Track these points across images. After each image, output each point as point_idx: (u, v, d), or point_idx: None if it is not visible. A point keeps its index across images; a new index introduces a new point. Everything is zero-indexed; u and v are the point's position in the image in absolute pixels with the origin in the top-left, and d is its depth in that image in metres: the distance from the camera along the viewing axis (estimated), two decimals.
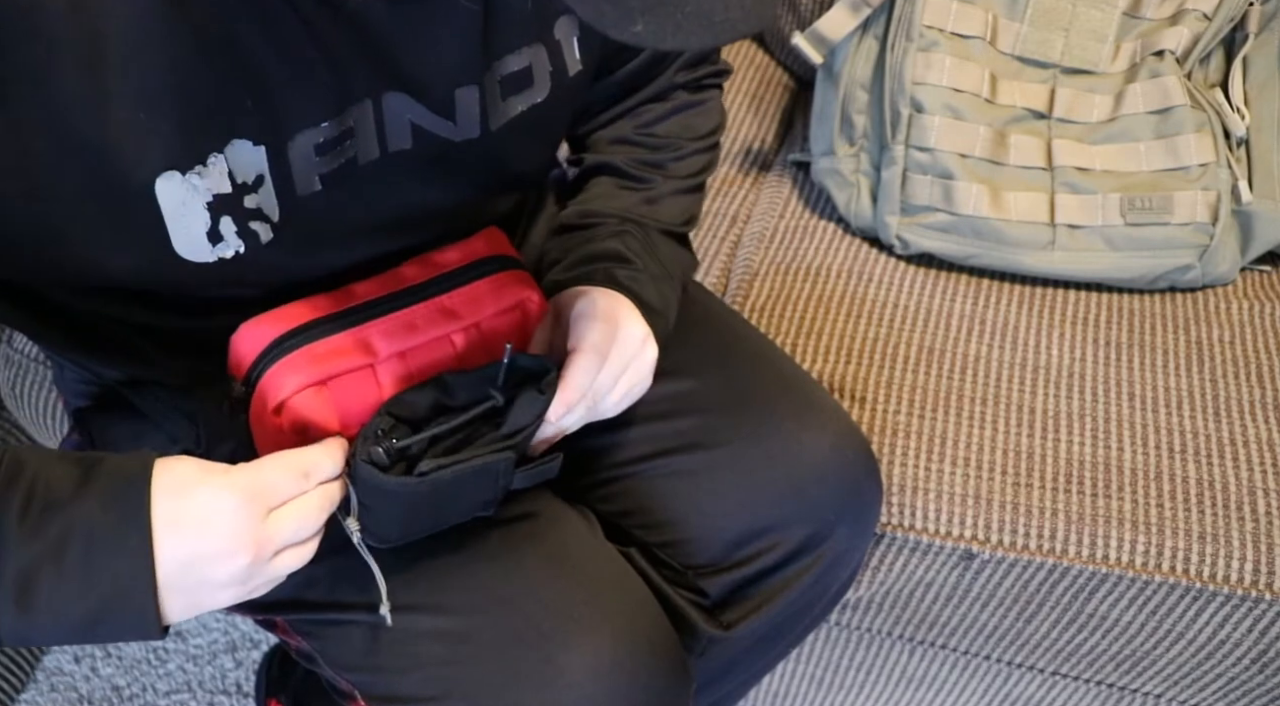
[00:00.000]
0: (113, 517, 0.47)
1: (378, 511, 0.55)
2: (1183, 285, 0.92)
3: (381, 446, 0.53)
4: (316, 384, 0.56)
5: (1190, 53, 0.90)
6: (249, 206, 0.53)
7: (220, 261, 0.54)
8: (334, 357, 0.57)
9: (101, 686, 1.15)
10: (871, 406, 0.84)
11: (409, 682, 0.62)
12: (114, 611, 0.48)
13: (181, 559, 0.48)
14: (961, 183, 0.91)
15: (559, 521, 0.67)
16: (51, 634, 0.48)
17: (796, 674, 1.02)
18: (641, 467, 0.71)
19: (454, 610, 0.61)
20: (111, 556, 0.47)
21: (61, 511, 0.47)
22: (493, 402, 0.56)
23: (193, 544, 0.48)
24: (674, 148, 0.75)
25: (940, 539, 0.80)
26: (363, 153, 0.56)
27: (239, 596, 0.51)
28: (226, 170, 0.51)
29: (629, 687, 0.61)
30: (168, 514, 0.48)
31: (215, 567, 0.49)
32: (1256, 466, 0.79)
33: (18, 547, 0.46)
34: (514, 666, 0.59)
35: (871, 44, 0.94)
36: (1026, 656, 0.90)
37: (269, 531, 0.50)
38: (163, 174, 0.49)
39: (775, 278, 0.94)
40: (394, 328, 0.59)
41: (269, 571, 0.51)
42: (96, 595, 0.47)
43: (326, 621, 0.65)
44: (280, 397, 0.56)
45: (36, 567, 0.46)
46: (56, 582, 0.46)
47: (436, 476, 0.53)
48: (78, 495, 0.47)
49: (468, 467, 0.54)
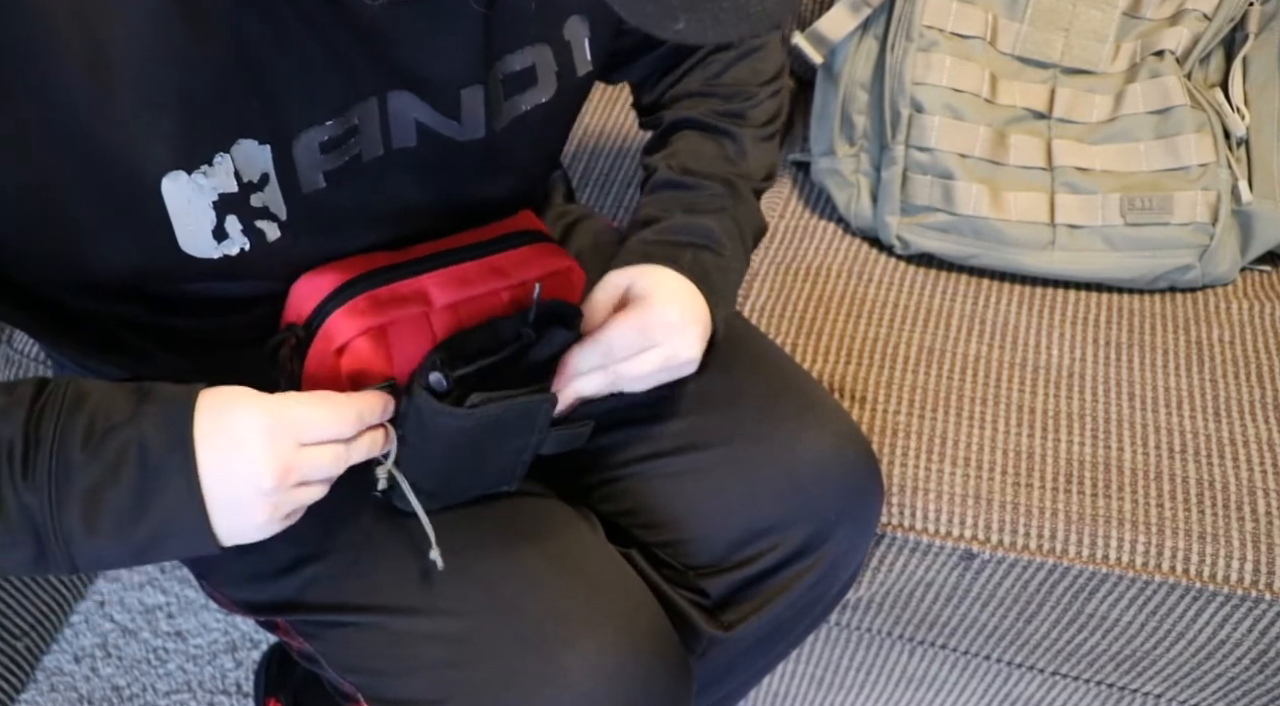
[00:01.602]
0: (163, 436, 0.49)
1: (422, 450, 0.57)
2: (1183, 285, 0.92)
3: (440, 374, 0.56)
4: (377, 328, 0.58)
5: (1190, 53, 0.90)
6: (255, 205, 0.53)
7: (225, 258, 0.54)
8: (394, 304, 0.59)
9: (101, 686, 1.15)
10: (872, 406, 0.84)
11: (411, 684, 0.62)
12: (170, 526, 0.50)
13: (216, 473, 0.50)
14: (961, 183, 0.91)
15: (560, 523, 0.67)
16: (119, 555, 0.51)
17: (797, 674, 1.02)
18: (642, 467, 0.71)
19: (456, 612, 0.61)
20: (162, 473, 0.49)
21: (119, 434, 0.49)
22: (526, 339, 0.60)
23: (225, 458, 0.50)
24: (746, 95, 0.76)
25: (940, 539, 0.80)
26: (367, 150, 0.56)
27: (270, 523, 0.52)
28: (233, 169, 0.51)
29: (630, 688, 0.61)
30: (207, 428, 0.50)
31: (244, 484, 0.50)
32: (1256, 466, 0.79)
33: (82, 470, 0.48)
34: (516, 668, 0.60)
35: (871, 44, 0.94)
36: (1026, 656, 0.90)
37: (297, 460, 0.51)
38: (169, 173, 0.50)
39: (775, 277, 0.94)
40: (448, 280, 0.61)
41: (291, 498, 0.52)
42: (154, 512, 0.49)
43: (329, 623, 0.65)
44: (345, 339, 0.57)
45: (99, 488, 0.48)
46: (117, 502, 0.49)
47: (485, 410, 0.56)
48: (133, 418, 0.50)
49: (514, 405, 0.57)
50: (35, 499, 0.48)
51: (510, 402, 0.57)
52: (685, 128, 0.75)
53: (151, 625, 1.20)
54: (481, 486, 0.64)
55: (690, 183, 0.71)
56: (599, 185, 1.07)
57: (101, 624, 1.20)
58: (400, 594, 0.62)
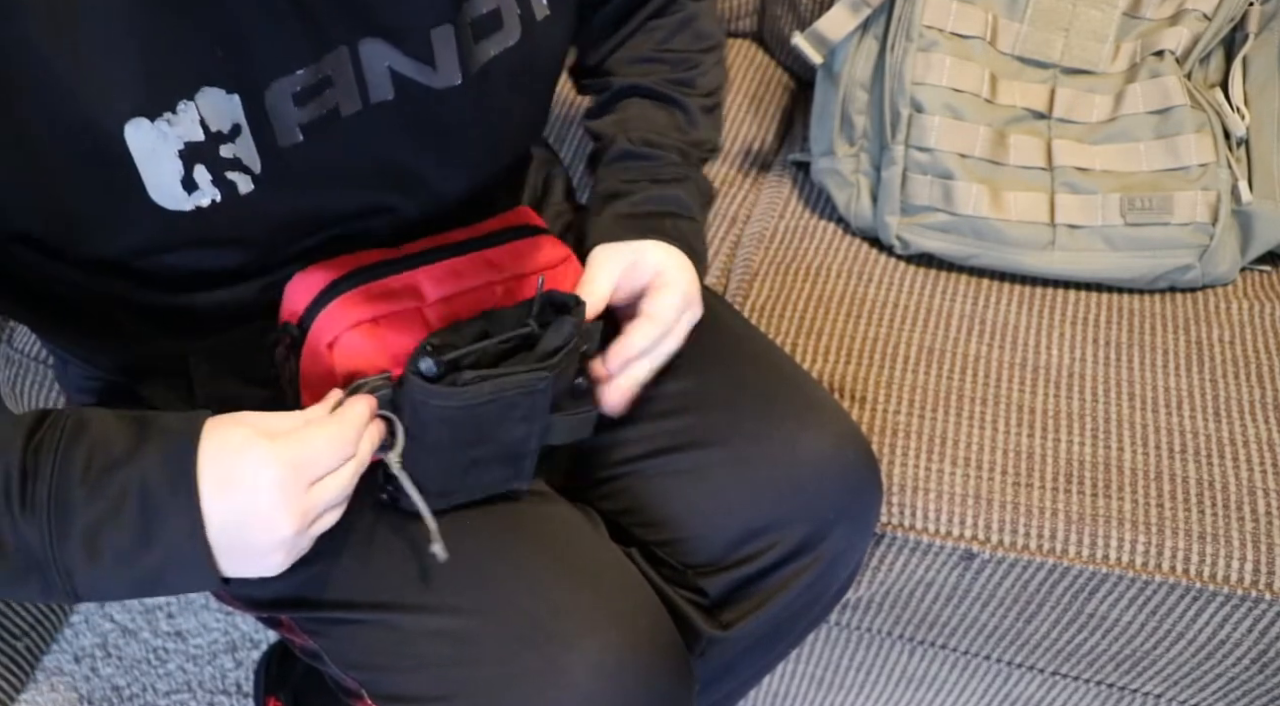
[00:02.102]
0: (165, 476, 0.49)
1: (421, 441, 0.57)
2: (1183, 285, 0.92)
3: (431, 359, 0.56)
4: (369, 322, 0.58)
5: (1190, 53, 0.90)
6: (225, 156, 0.53)
7: (199, 210, 0.54)
8: (385, 298, 0.59)
9: (101, 686, 1.15)
10: (871, 406, 0.84)
11: (415, 682, 0.62)
12: (173, 565, 0.50)
13: (228, 522, 0.50)
14: (961, 183, 0.91)
15: (564, 522, 0.68)
16: (121, 587, 0.51)
17: (797, 674, 1.02)
18: (641, 466, 0.71)
19: (460, 610, 0.61)
20: (165, 514, 0.49)
21: (120, 470, 0.49)
22: (529, 329, 0.60)
23: (239, 511, 0.50)
24: (692, 63, 0.77)
25: (940, 539, 0.80)
26: (345, 104, 0.56)
27: (287, 562, 0.53)
28: (198, 118, 0.51)
29: (632, 688, 0.61)
30: (214, 478, 0.49)
31: (260, 535, 0.51)
32: (1256, 466, 0.79)
33: (83, 505, 0.48)
34: (518, 667, 0.60)
35: (871, 44, 0.94)
36: (1026, 656, 0.90)
37: (312, 501, 0.51)
38: (131, 120, 0.50)
39: (775, 278, 0.94)
40: (441, 274, 0.61)
41: (309, 536, 0.53)
42: (155, 550, 0.49)
43: (333, 620, 0.65)
44: (334, 334, 0.57)
45: (99, 526, 0.48)
46: (118, 540, 0.49)
47: (476, 389, 0.56)
48: (134, 454, 0.49)
49: (507, 383, 0.57)
50: (34, 532, 0.48)
51: (502, 381, 0.57)
52: (635, 95, 0.76)
53: (151, 625, 1.20)
54: (490, 481, 0.63)
55: (650, 154, 0.73)
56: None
57: (101, 624, 1.21)
58: (404, 591, 0.62)
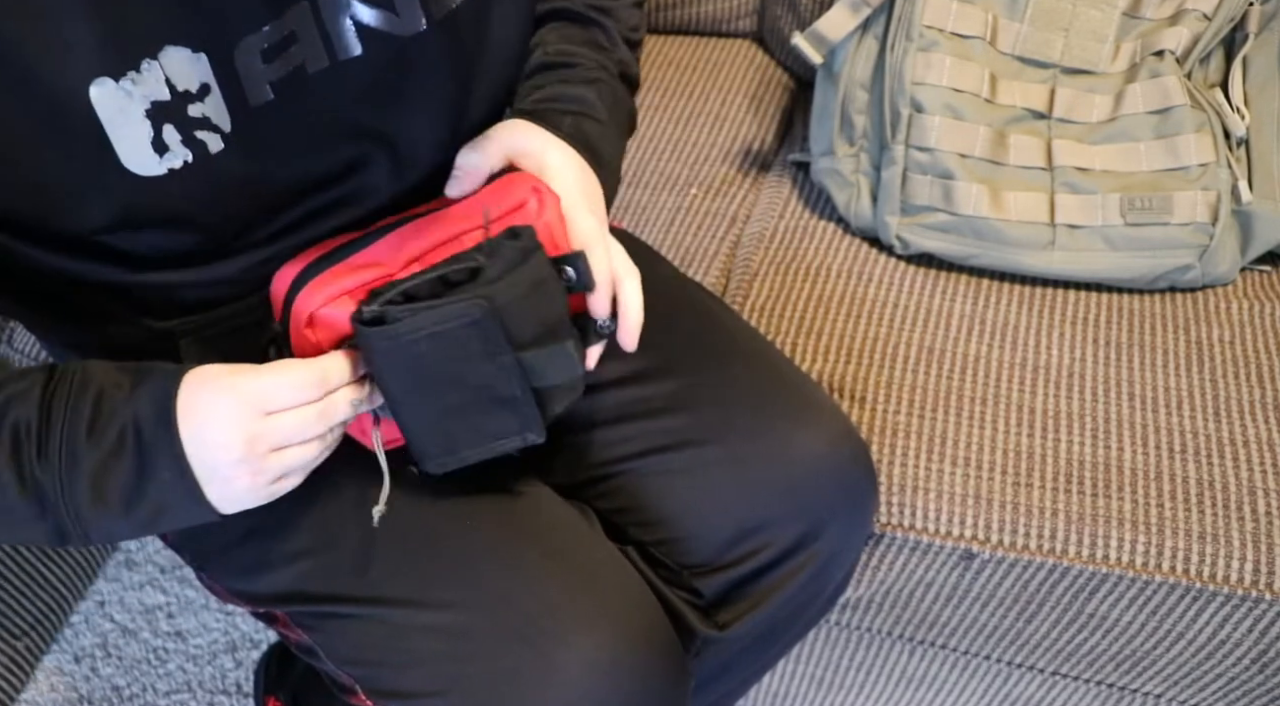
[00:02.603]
0: (151, 414, 0.53)
1: (388, 386, 0.57)
2: (1183, 285, 0.92)
3: (364, 306, 0.56)
4: (343, 294, 0.58)
5: (1190, 53, 0.90)
6: (194, 115, 0.53)
7: (171, 173, 0.54)
8: (355, 271, 0.59)
9: (101, 686, 1.15)
10: (871, 406, 0.84)
11: (410, 677, 0.62)
12: (168, 499, 0.54)
13: (193, 447, 0.53)
14: (961, 183, 0.91)
15: (559, 519, 0.68)
16: (128, 528, 0.55)
17: (796, 673, 1.02)
18: (636, 464, 0.71)
19: (454, 606, 0.62)
20: (155, 450, 0.53)
21: (118, 415, 0.53)
22: (473, 263, 0.58)
23: (198, 432, 0.53)
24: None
25: (940, 539, 0.80)
26: (311, 61, 0.56)
27: (258, 487, 0.55)
28: (163, 77, 0.51)
29: (627, 684, 0.61)
30: (184, 406, 0.53)
31: (216, 456, 0.53)
32: (1256, 466, 0.79)
33: (87, 451, 0.52)
34: (513, 663, 0.60)
35: (871, 44, 0.94)
36: (1026, 656, 0.90)
37: (265, 428, 0.53)
38: (95, 81, 0.50)
39: (775, 278, 0.94)
40: (409, 235, 0.61)
41: (271, 465, 0.54)
42: (152, 486, 0.53)
43: (327, 614, 0.65)
44: (309, 311, 0.58)
45: (103, 468, 0.52)
46: (120, 480, 0.53)
47: (411, 322, 0.55)
48: (129, 398, 0.53)
49: (441, 313, 0.56)
50: (48, 477, 0.52)
51: (437, 312, 0.56)
52: (556, 19, 0.75)
53: (151, 625, 1.20)
54: (496, 432, 0.61)
55: (564, 61, 0.72)
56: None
57: (101, 624, 1.20)
58: (399, 586, 0.63)
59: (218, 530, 0.68)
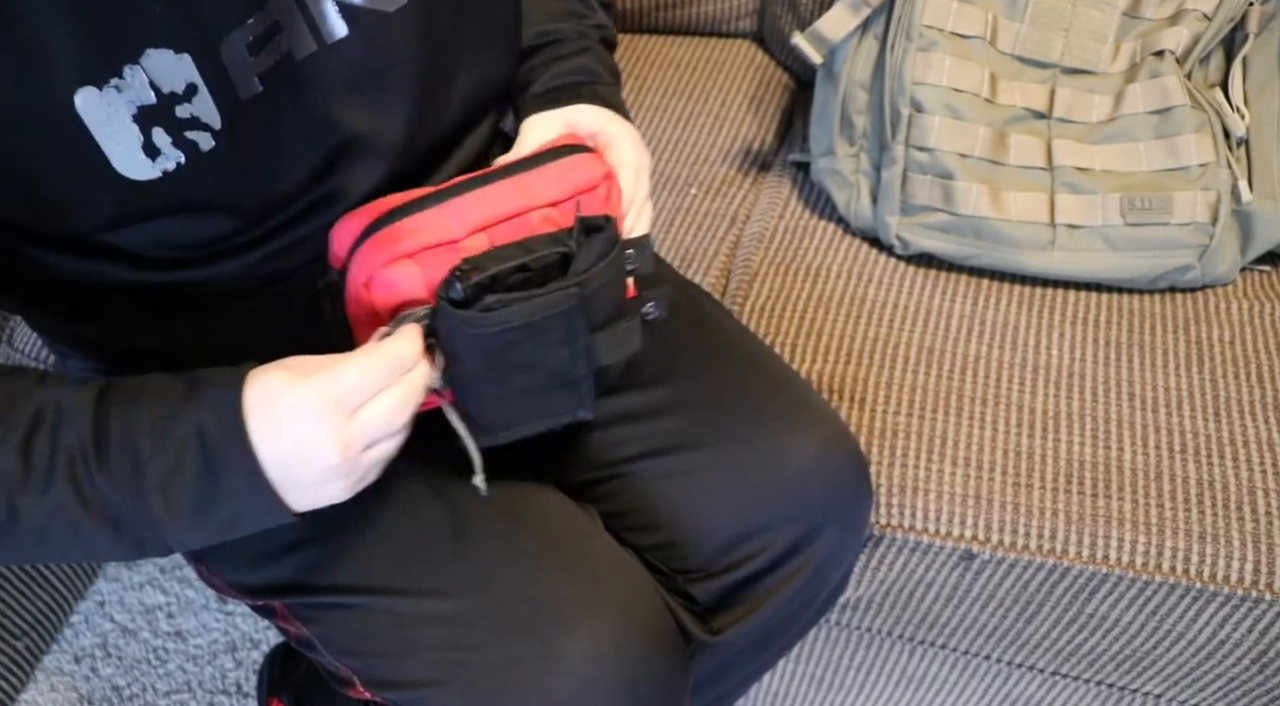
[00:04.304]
0: (216, 427, 0.51)
1: (464, 367, 0.57)
2: (1183, 285, 0.92)
3: (459, 285, 0.55)
4: (403, 257, 0.57)
5: (1190, 53, 0.90)
6: (182, 116, 0.53)
7: (166, 175, 0.53)
8: (420, 233, 0.58)
9: (101, 686, 1.15)
10: (871, 407, 0.84)
11: (409, 667, 0.62)
12: (243, 508, 0.52)
13: (281, 463, 0.51)
14: (961, 183, 0.91)
15: (562, 511, 0.68)
16: (205, 533, 0.53)
17: (796, 674, 1.02)
18: (631, 468, 0.71)
19: (455, 594, 0.61)
20: (223, 461, 0.51)
21: (177, 424, 0.51)
22: (564, 249, 0.59)
23: (287, 450, 0.51)
24: None
25: (940, 539, 0.80)
26: (297, 47, 0.56)
27: (348, 489, 0.54)
28: (147, 81, 0.51)
29: (628, 673, 0.61)
30: (260, 422, 0.51)
31: (311, 469, 0.52)
32: (1256, 466, 0.79)
33: (149, 462, 0.51)
34: (514, 652, 0.60)
35: (871, 44, 0.94)
36: (1026, 656, 0.90)
37: (356, 429, 0.52)
38: (78, 90, 0.50)
39: (775, 278, 0.94)
40: (476, 203, 0.60)
41: (364, 463, 0.54)
42: (224, 497, 0.52)
43: (325, 605, 0.65)
44: (369, 272, 0.57)
45: (169, 478, 0.51)
46: (188, 490, 0.51)
47: (505, 313, 0.55)
48: (187, 407, 0.51)
49: (535, 305, 0.56)
50: (114, 492, 0.50)
51: (530, 304, 0.56)
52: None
53: (151, 625, 1.20)
54: (553, 409, 0.62)
55: (548, 41, 0.74)
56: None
57: (101, 624, 1.21)
58: (400, 575, 0.63)
59: None
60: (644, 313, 0.64)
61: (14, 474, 0.50)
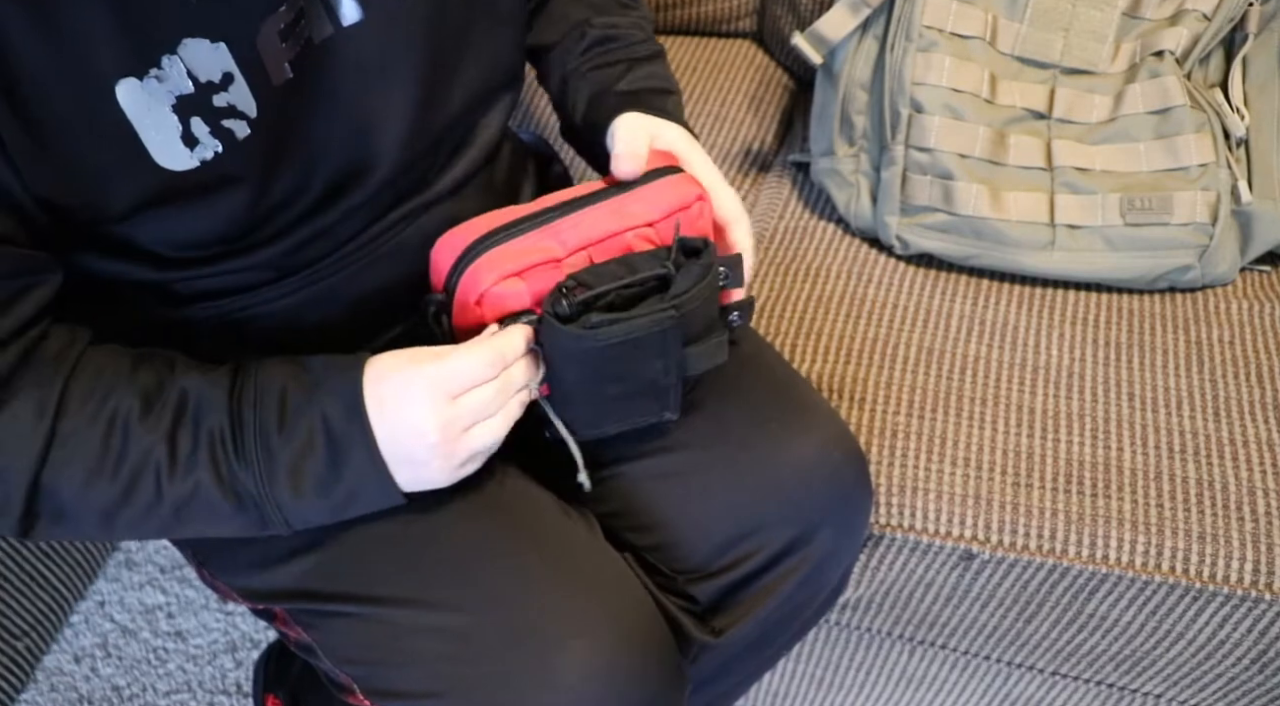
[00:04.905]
0: (340, 410, 0.57)
1: (562, 374, 0.61)
2: (1183, 285, 0.92)
3: (565, 301, 0.60)
4: (513, 275, 0.61)
5: (1190, 53, 0.90)
6: (219, 105, 0.54)
7: (203, 164, 0.54)
8: (526, 253, 0.62)
9: (101, 686, 1.15)
10: (871, 407, 0.84)
11: (407, 677, 0.62)
12: (361, 487, 0.58)
13: (387, 437, 0.57)
14: (961, 183, 0.91)
15: (560, 523, 0.68)
16: (324, 514, 0.59)
17: (796, 673, 1.02)
18: (630, 467, 0.71)
19: (455, 607, 0.62)
20: (347, 443, 0.57)
21: (306, 411, 0.57)
22: (664, 271, 0.63)
23: (392, 423, 0.57)
24: None
25: (940, 539, 0.80)
26: (316, 31, 0.57)
27: (449, 469, 0.59)
28: (185, 70, 0.52)
29: (623, 689, 0.61)
30: (373, 399, 0.57)
31: (413, 444, 0.57)
32: (1256, 466, 0.79)
33: (281, 449, 0.57)
34: (511, 666, 0.60)
35: (871, 44, 0.94)
36: (1026, 656, 0.90)
37: (457, 411, 0.57)
38: (120, 81, 0.50)
39: (775, 278, 0.94)
40: (577, 224, 0.64)
41: (465, 445, 0.58)
42: (346, 476, 0.57)
43: (326, 612, 0.65)
44: (481, 289, 0.61)
45: (298, 462, 0.57)
46: (315, 472, 0.57)
47: (606, 331, 0.59)
48: (314, 395, 0.57)
49: (635, 324, 0.60)
50: (249, 476, 0.56)
51: (631, 323, 0.60)
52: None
53: (151, 625, 1.21)
54: (640, 414, 0.66)
55: (616, 35, 0.77)
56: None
57: (101, 624, 1.21)
58: (399, 586, 0.63)
59: None
60: (729, 321, 0.68)
61: (164, 460, 0.56)
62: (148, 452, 0.55)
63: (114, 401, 0.56)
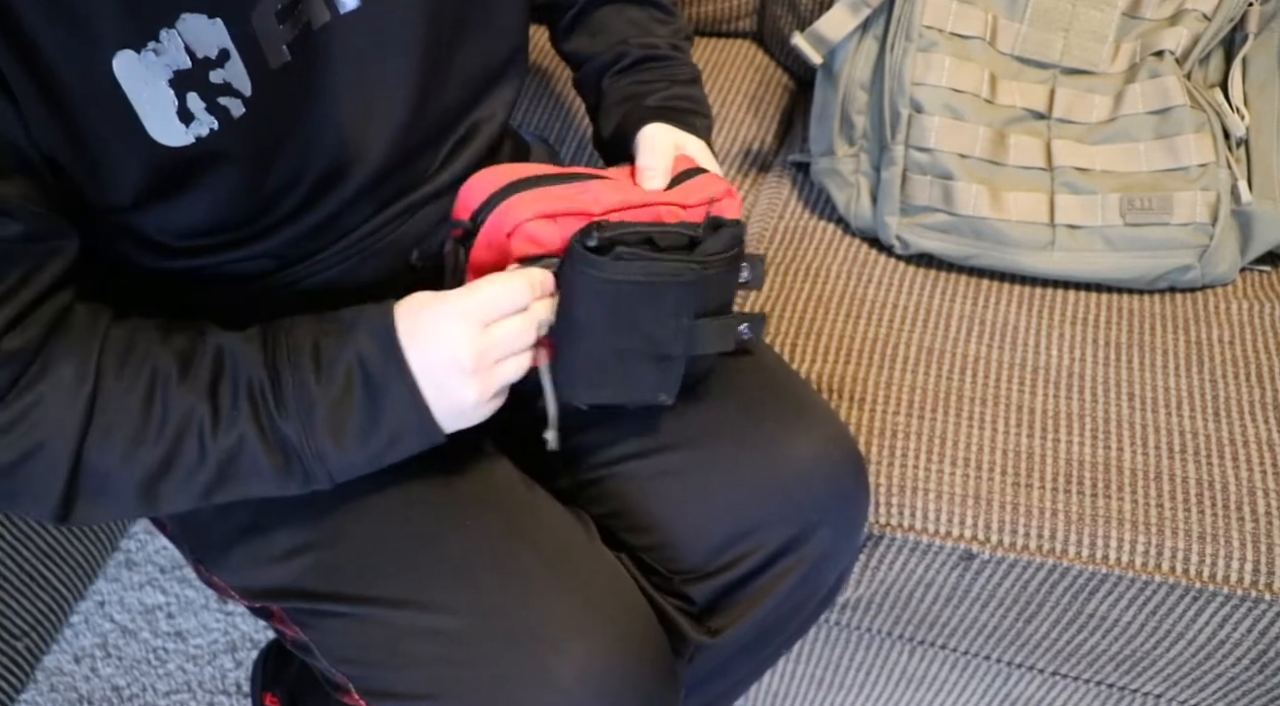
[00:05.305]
0: (377, 350, 0.57)
1: (576, 314, 0.61)
2: (1183, 285, 0.92)
3: (595, 234, 0.60)
4: (547, 216, 0.62)
5: (1190, 53, 0.90)
6: (215, 82, 0.54)
7: (198, 141, 0.54)
8: (564, 200, 0.63)
9: (101, 686, 1.15)
10: (871, 407, 0.84)
11: (403, 679, 0.62)
12: (401, 427, 0.58)
13: (423, 370, 0.57)
14: (961, 183, 0.91)
15: (557, 526, 0.68)
16: (365, 462, 0.59)
17: (796, 673, 1.02)
18: (626, 467, 0.71)
19: (451, 610, 0.62)
20: (385, 382, 0.57)
21: (341, 359, 0.57)
22: (693, 233, 0.63)
23: (428, 355, 0.57)
24: None
25: (940, 539, 0.80)
26: (315, 17, 0.57)
27: (484, 399, 0.59)
28: (182, 45, 0.52)
29: (619, 692, 0.61)
30: (407, 333, 0.57)
31: (448, 374, 0.57)
32: (1256, 466, 0.79)
33: (321, 398, 0.56)
34: (506, 669, 0.60)
35: (871, 44, 0.94)
36: (1026, 656, 0.90)
37: (489, 341, 0.57)
38: (117, 54, 0.50)
39: (775, 277, 0.94)
40: (614, 187, 0.66)
41: (495, 377, 0.59)
42: (386, 418, 0.57)
43: (324, 612, 0.65)
44: (516, 222, 0.61)
45: (337, 409, 0.56)
46: (355, 418, 0.57)
47: (631, 265, 0.59)
48: (346, 340, 0.57)
49: (659, 267, 0.60)
50: (291, 429, 0.56)
51: (655, 264, 0.60)
52: (607, 3, 0.81)
53: (151, 625, 1.21)
54: (638, 384, 0.65)
55: (658, 56, 0.80)
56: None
57: (101, 624, 1.21)
58: (398, 587, 0.63)
59: (219, 523, 0.68)
60: (739, 331, 0.68)
61: (206, 417, 0.55)
62: (190, 412, 0.55)
63: (151, 364, 0.55)
